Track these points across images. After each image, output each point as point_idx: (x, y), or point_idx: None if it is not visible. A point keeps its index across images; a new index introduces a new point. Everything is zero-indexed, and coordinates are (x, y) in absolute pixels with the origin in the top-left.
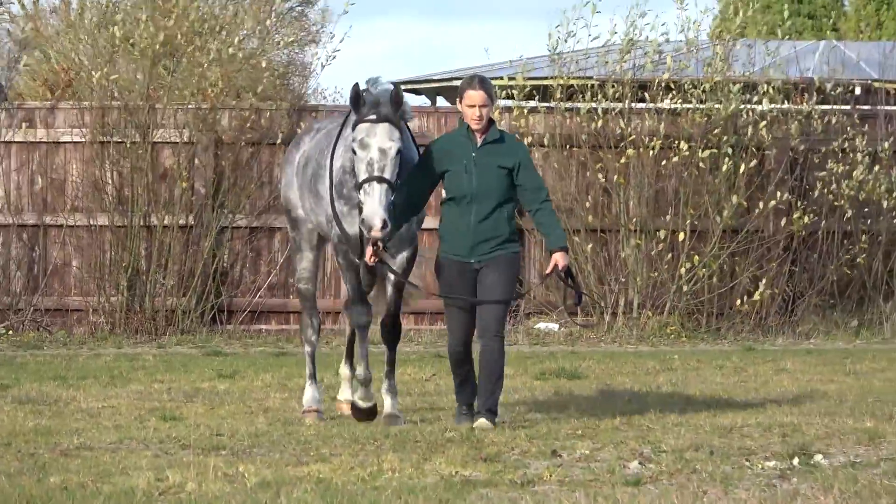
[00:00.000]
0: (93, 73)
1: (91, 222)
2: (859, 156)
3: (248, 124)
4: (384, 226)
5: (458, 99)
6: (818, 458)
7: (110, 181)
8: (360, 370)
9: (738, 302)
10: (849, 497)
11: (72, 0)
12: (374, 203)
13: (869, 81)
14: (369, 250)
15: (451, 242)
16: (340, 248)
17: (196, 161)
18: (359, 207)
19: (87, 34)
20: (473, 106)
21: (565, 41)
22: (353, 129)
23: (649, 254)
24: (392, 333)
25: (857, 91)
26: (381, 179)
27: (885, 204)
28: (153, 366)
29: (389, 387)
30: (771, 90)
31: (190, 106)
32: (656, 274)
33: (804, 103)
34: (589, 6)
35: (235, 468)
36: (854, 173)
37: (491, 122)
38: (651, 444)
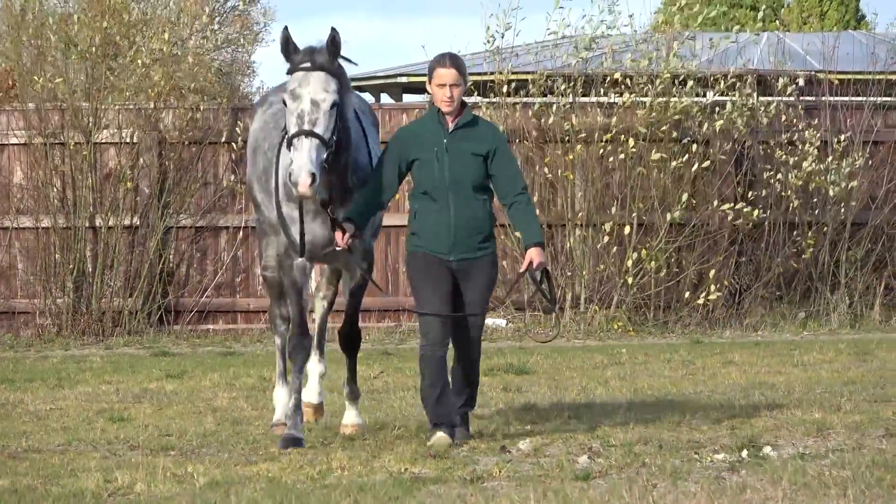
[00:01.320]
0: (35, 75)
1: (36, 224)
2: (808, 147)
3: (191, 123)
4: (313, 180)
5: (427, 80)
6: (767, 450)
7: (54, 183)
8: (293, 399)
9: (688, 295)
10: (798, 489)
11: (14, 2)
12: (303, 157)
13: (812, 73)
14: (339, 234)
15: (427, 239)
16: (286, 263)
17: (140, 161)
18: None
19: (29, 35)
20: (444, 85)
21: (502, 36)
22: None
23: (596, 248)
24: (350, 339)
25: (801, 82)
26: (310, 133)
27: (830, 193)
28: (101, 367)
29: (351, 393)
30: (716, 82)
31: (131, 106)
32: (603, 268)
33: (748, 96)
34: None
35: (184, 468)
36: (803, 164)
37: (464, 104)
38: (600, 439)
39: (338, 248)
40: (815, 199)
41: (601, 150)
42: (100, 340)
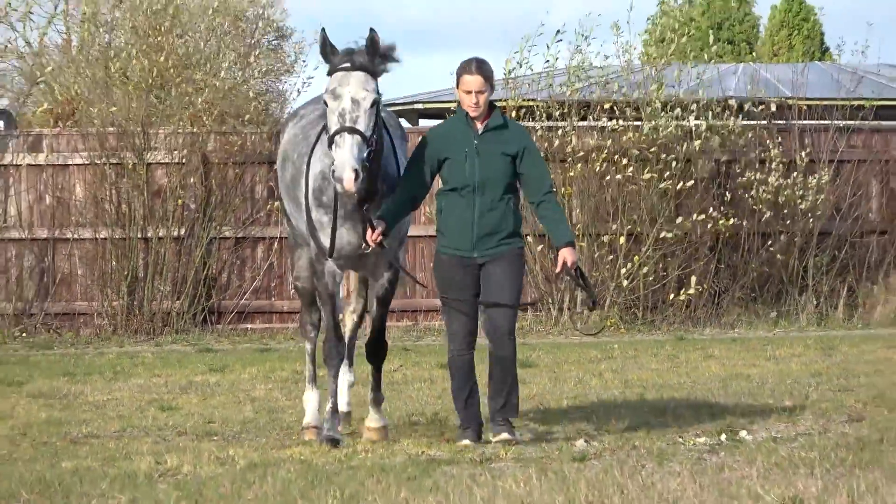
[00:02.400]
0: (93, 104)
1: (94, 236)
2: (773, 164)
3: (234, 147)
4: (357, 176)
5: (455, 85)
6: (743, 434)
7: (110, 199)
8: (329, 403)
9: (672, 296)
10: (770, 468)
11: (72, 38)
12: (345, 153)
13: (783, 99)
14: (369, 232)
15: (451, 237)
16: (318, 268)
17: (188, 180)
18: (331, 161)
19: (87, 68)
20: (470, 92)
21: (520, 66)
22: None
23: (592, 256)
24: (377, 350)
25: (773, 108)
26: (352, 130)
27: (800, 207)
28: (151, 362)
29: (375, 399)
30: (698, 108)
31: (180, 131)
32: (598, 274)
33: (727, 119)
34: (541, 35)
35: (226, 452)
36: (769, 179)
37: (492, 107)
38: (595, 425)
39: (367, 250)
40: (785, 211)
41: (597, 169)
42: (151, 338)
